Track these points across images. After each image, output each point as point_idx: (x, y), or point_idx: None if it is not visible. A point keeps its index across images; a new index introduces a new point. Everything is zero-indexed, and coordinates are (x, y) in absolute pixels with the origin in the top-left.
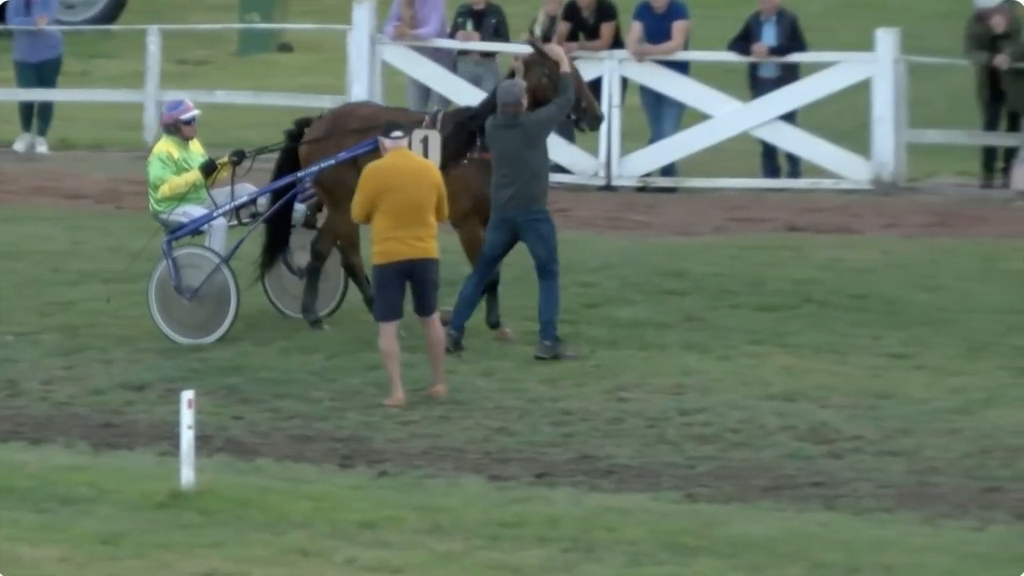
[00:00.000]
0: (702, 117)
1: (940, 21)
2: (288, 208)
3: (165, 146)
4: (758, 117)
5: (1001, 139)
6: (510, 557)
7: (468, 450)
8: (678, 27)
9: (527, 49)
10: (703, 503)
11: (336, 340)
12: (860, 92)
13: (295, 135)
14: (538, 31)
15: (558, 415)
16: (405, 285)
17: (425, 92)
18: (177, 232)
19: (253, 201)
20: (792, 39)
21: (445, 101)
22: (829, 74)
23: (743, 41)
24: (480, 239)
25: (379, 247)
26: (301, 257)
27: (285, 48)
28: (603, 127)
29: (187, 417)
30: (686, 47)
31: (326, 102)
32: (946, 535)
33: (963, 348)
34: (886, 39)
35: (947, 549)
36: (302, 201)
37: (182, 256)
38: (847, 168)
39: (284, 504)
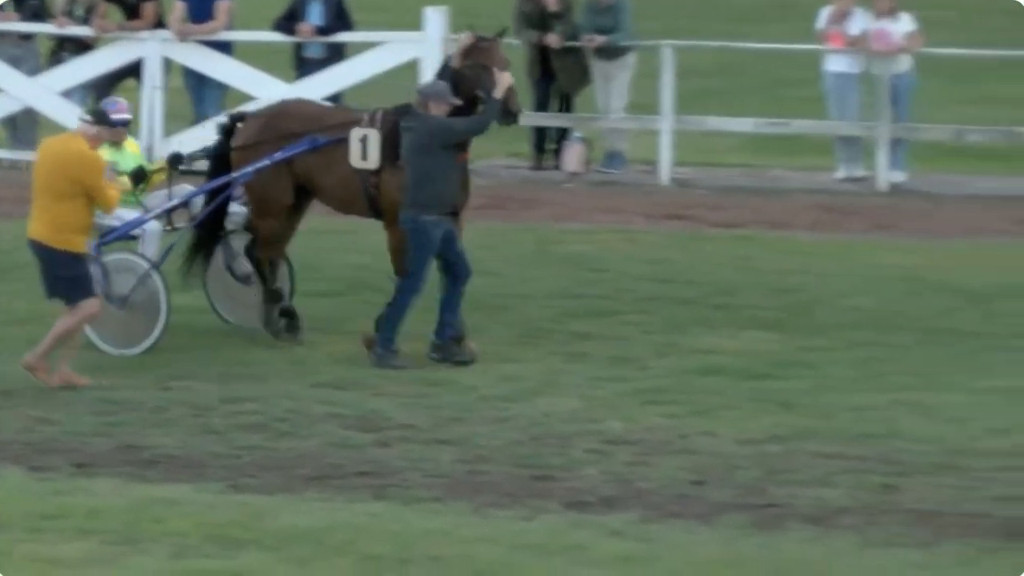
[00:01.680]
0: (246, 98)
1: None
2: (221, 211)
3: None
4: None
5: (552, 120)
6: (51, 550)
7: (8, 440)
8: (221, 7)
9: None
10: (249, 494)
11: None
12: (410, 72)
13: (227, 129)
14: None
15: (103, 405)
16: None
17: None
18: (107, 237)
19: (186, 204)
20: (338, 18)
21: None
22: (376, 54)
23: (288, 21)
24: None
25: None
26: (244, 262)
27: None
28: (146, 108)
29: None
30: (230, 27)
31: None
32: (496, 525)
33: (516, 334)
34: (435, 18)
35: (497, 539)
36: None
37: (111, 262)
38: None
39: None
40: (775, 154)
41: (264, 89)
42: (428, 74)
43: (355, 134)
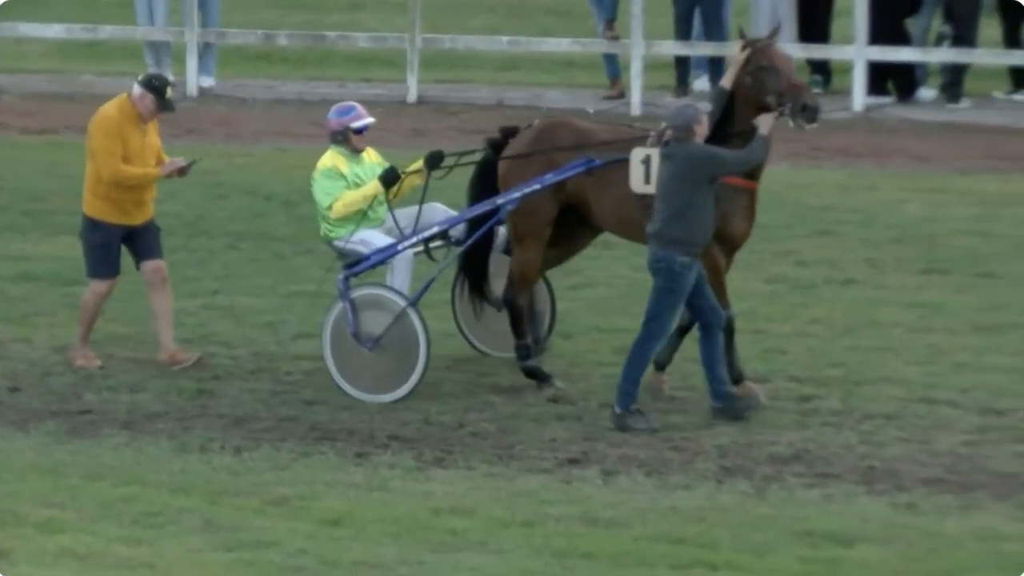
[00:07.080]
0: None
1: None
2: (488, 239)
3: (331, 159)
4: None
5: None
6: None
7: None
8: None
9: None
10: None
11: None
12: None
13: (498, 144)
14: None
15: None
16: None
17: None
18: (356, 267)
19: (444, 234)
20: None
21: None
22: None
23: None
24: (718, 266)
25: None
26: (498, 285)
27: None
28: None
29: None
30: None
31: None
32: None
33: None
34: None
35: None
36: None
37: (361, 297)
38: None
39: None
40: (85, 60)
41: None
42: None
43: (636, 154)
